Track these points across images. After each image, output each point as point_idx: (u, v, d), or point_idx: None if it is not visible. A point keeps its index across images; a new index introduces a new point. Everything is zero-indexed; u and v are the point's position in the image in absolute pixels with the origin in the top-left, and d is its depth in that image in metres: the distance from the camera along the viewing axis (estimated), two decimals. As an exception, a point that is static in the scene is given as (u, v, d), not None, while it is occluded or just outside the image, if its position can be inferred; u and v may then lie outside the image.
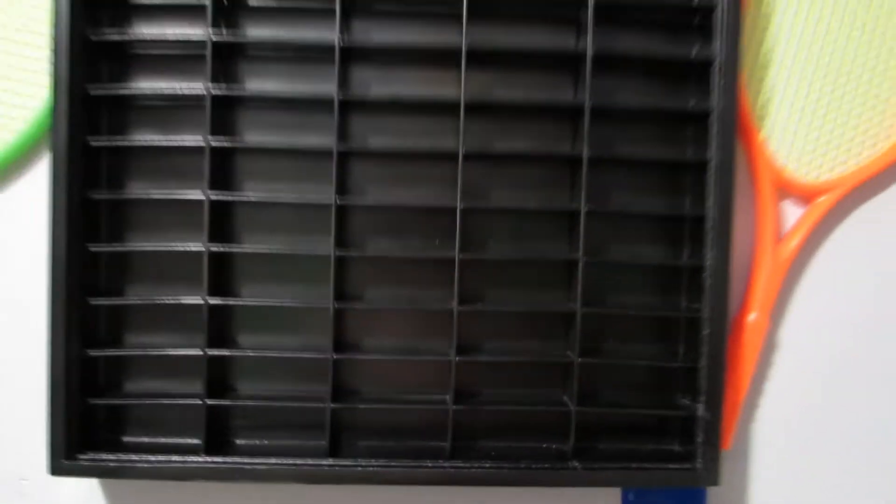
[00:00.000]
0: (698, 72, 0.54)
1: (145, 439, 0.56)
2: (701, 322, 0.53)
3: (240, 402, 0.54)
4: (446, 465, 0.53)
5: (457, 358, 0.53)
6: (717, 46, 0.52)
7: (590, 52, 0.52)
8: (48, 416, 0.51)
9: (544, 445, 0.56)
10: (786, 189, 0.57)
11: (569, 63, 0.55)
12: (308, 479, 0.53)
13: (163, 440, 0.55)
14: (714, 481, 0.53)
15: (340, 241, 0.53)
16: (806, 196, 0.57)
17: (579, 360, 0.53)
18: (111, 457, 0.52)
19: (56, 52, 0.50)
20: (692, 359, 0.54)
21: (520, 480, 0.53)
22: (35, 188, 0.55)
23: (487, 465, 0.53)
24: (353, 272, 0.55)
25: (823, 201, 0.56)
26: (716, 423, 0.53)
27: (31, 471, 0.56)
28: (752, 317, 0.55)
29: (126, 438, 0.56)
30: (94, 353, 0.53)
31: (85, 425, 0.53)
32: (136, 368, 0.55)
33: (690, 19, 0.55)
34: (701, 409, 0.53)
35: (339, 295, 0.53)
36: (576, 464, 0.53)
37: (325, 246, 0.52)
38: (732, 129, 0.52)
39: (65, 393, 0.51)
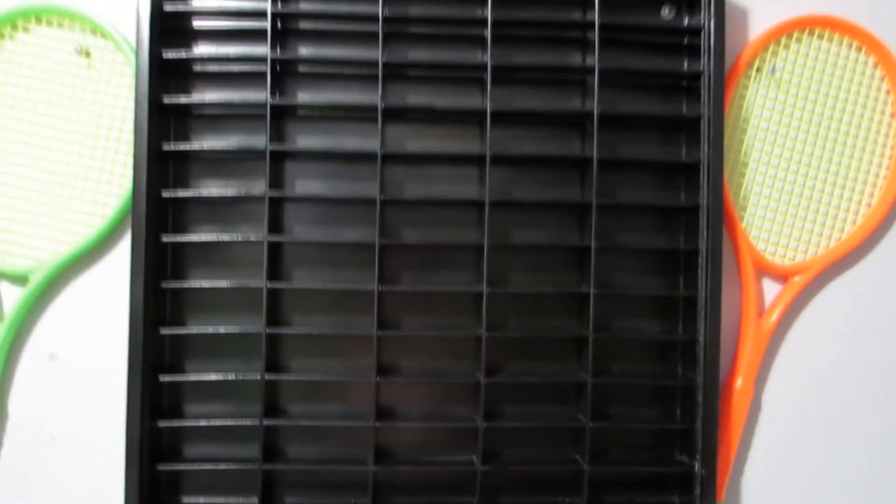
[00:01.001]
0: (687, 171, 0.62)
1: (202, 499, 0.62)
2: (695, 389, 0.61)
3: (293, 467, 0.61)
4: (475, 519, 0.60)
5: (484, 424, 0.60)
6: (704, 151, 0.61)
7: (595, 157, 0.60)
8: (125, 480, 0.57)
9: (559, 499, 0.62)
10: (765, 270, 0.65)
11: (576, 164, 0.63)
12: (353, 533, 0.59)
13: (220, 500, 0.61)
14: (711, 529, 0.60)
15: (381, 322, 0.60)
16: (783, 276, 0.65)
17: (591, 424, 0.60)
18: (177, 517, 0.59)
19: (137, 161, 0.57)
20: (689, 421, 0.62)
21: (540, 532, 0.60)
22: (113, 270, 0.62)
23: (511, 518, 0.60)
24: (390, 349, 0.62)
25: (798, 280, 0.64)
26: (711, 477, 0.60)
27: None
28: (738, 383, 0.63)
29: (185, 499, 0.61)
30: (163, 423, 0.59)
31: (152, 488, 0.59)
32: (194, 434, 0.62)
33: (680, 126, 0.63)
34: (697, 466, 0.60)
35: (379, 369, 0.60)
36: (589, 516, 0.60)
37: (368, 326, 0.60)
38: (719, 220, 0.60)
39: (138, 460, 0.57)
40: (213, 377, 0.60)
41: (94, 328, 0.62)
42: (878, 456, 0.66)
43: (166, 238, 0.59)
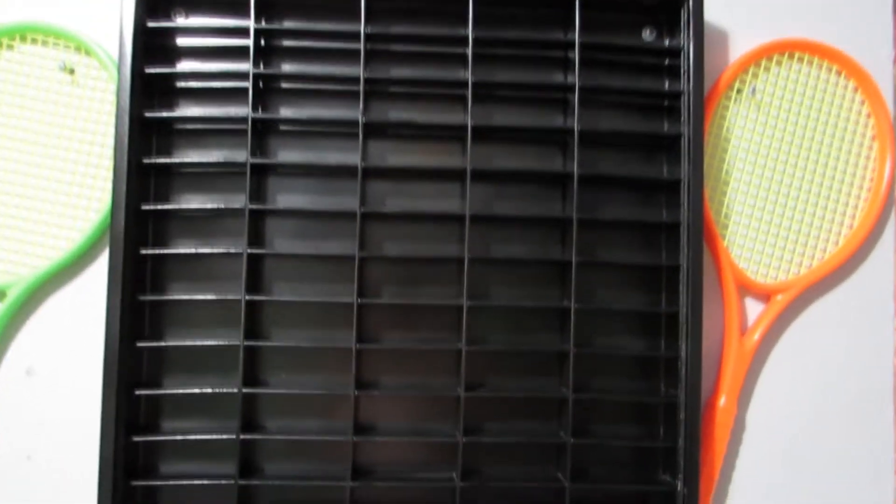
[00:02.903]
0: (668, 188, 0.63)
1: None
2: (678, 407, 0.60)
3: (269, 483, 0.60)
4: (454, 537, 0.59)
5: (464, 439, 0.59)
6: (684, 168, 0.61)
7: (576, 173, 0.60)
8: (98, 497, 0.56)
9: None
10: (747, 288, 0.65)
11: (558, 180, 0.63)
12: (330, 551, 0.59)
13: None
14: (693, 549, 0.59)
15: (361, 336, 0.59)
16: (765, 294, 0.65)
17: (572, 440, 0.60)
18: (151, 533, 0.58)
19: (116, 174, 0.57)
20: (671, 439, 0.61)
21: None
22: (92, 285, 0.62)
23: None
24: (370, 363, 0.62)
25: (781, 299, 0.64)
26: (693, 496, 0.59)
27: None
28: (722, 401, 0.63)
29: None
30: (138, 438, 0.59)
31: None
32: (171, 451, 0.61)
33: (661, 144, 0.64)
34: (680, 485, 0.60)
35: (358, 383, 0.60)
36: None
37: (348, 340, 0.59)
38: (699, 237, 0.60)
39: (112, 476, 0.56)
40: (189, 391, 0.59)
41: (72, 343, 0.62)
42: (863, 473, 0.65)
43: (145, 251, 0.59)
